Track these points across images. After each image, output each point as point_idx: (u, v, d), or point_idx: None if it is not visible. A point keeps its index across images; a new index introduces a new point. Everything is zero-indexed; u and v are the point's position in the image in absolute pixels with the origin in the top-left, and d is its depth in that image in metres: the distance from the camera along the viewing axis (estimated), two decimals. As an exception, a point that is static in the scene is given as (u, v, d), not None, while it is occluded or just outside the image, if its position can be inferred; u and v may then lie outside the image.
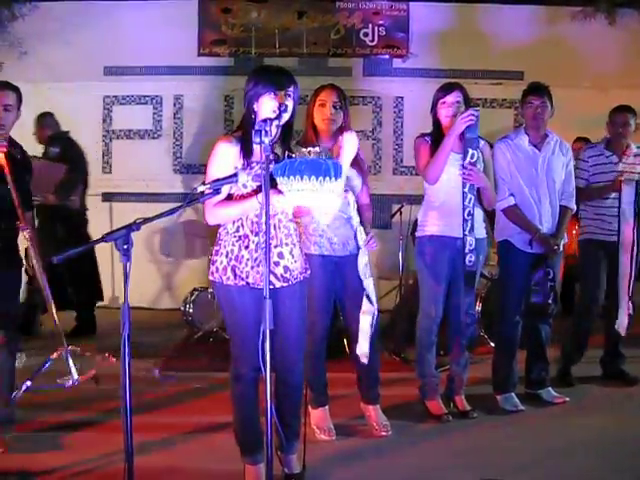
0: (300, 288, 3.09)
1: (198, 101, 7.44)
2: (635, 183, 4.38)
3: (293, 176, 2.63)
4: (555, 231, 4.20)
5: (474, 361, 4.35)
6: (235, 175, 2.74)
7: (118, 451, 2.77)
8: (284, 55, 7.35)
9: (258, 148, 2.74)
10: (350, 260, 3.70)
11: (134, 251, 2.52)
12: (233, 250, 2.97)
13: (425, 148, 3.96)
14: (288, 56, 7.36)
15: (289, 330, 3.05)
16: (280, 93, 2.90)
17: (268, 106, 2.90)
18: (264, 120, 2.74)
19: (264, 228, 2.73)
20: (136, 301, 7.07)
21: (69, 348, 4.45)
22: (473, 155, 3.88)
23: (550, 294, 4.19)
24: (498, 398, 4.25)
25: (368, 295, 3.61)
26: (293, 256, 3.05)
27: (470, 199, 3.89)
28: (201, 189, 2.68)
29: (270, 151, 2.64)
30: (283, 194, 2.71)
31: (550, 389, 4.40)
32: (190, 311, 5.89)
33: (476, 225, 3.94)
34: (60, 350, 4.45)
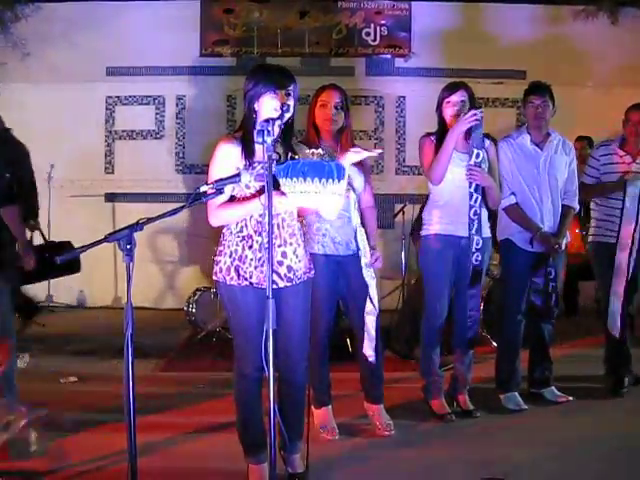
0: (304, 288, 3.08)
1: (200, 101, 7.46)
2: None
3: (296, 178, 2.64)
4: (556, 230, 4.20)
5: (477, 360, 4.34)
6: (238, 175, 2.74)
7: (121, 451, 2.77)
8: (286, 55, 7.36)
9: (260, 148, 2.74)
10: (353, 260, 3.71)
11: (137, 251, 2.52)
12: (237, 250, 2.97)
13: (430, 147, 3.96)
14: (290, 56, 7.37)
15: (292, 330, 3.04)
16: (281, 92, 2.90)
17: (270, 105, 2.90)
18: (266, 120, 2.74)
19: (267, 228, 2.75)
20: (139, 301, 7.14)
21: None
22: (478, 155, 3.87)
23: (552, 294, 4.19)
24: (501, 397, 4.25)
25: (370, 297, 3.64)
26: (297, 256, 3.04)
27: (476, 199, 3.88)
28: (204, 189, 2.68)
29: (272, 151, 2.63)
30: (286, 195, 2.71)
31: (553, 388, 4.39)
32: (193, 311, 5.90)
33: (482, 225, 3.95)
34: None
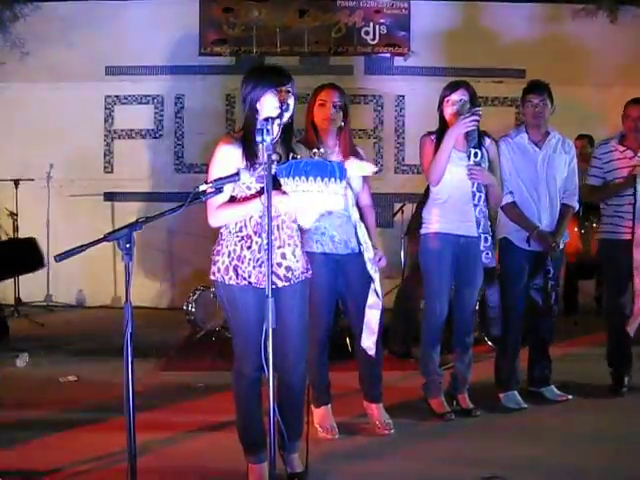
0: (301, 288, 3.08)
1: (199, 101, 7.45)
2: None
3: (298, 177, 2.65)
4: (555, 229, 4.19)
5: (477, 359, 4.34)
6: (237, 174, 2.74)
7: (121, 451, 2.77)
8: (285, 54, 7.36)
9: (260, 148, 2.75)
10: (352, 258, 3.70)
11: (136, 250, 2.52)
12: (235, 250, 2.96)
13: (430, 147, 3.95)
14: (289, 55, 7.37)
15: (290, 330, 3.03)
16: (282, 90, 2.90)
17: (270, 104, 2.90)
18: (266, 119, 2.75)
19: (267, 227, 2.76)
20: (138, 300, 7.13)
21: None
22: (476, 154, 3.88)
23: (551, 293, 4.19)
24: (501, 396, 4.25)
25: (375, 289, 3.59)
26: (295, 256, 3.05)
27: (480, 197, 3.89)
28: (203, 188, 2.68)
29: (272, 150, 2.64)
30: (287, 195, 2.72)
31: (553, 387, 4.39)
32: (192, 310, 5.89)
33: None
34: None
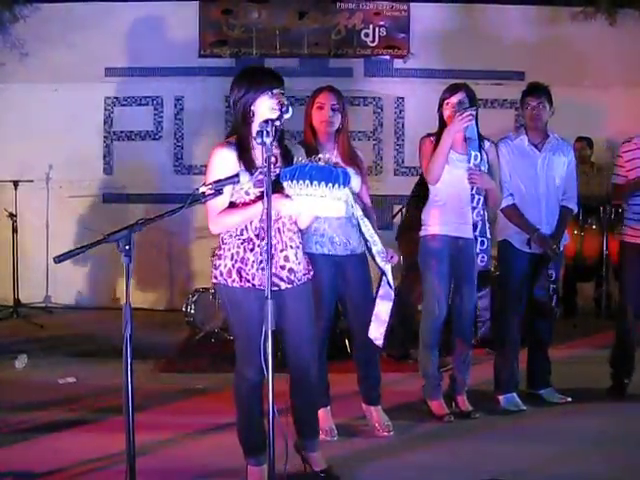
0: (305, 289, 3.11)
1: (199, 102, 7.44)
2: None
3: (303, 180, 2.67)
4: (554, 231, 4.20)
5: (476, 361, 4.34)
6: (237, 175, 2.75)
7: (120, 452, 2.77)
8: (285, 56, 7.36)
9: (258, 154, 2.76)
10: (352, 259, 3.72)
11: (135, 252, 2.52)
12: (238, 252, 2.97)
13: (429, 148, 3.97)
14: (289, 57, 7.37)
15: (301, 329, 3.08)
16: (277, 91, 2.91)
17: (267, 106, 2.90)
18: (265, 121, 2.75)
19: (270, 233, 2.78)
20: (137, 302, 7.13)
21: None
22: (477, 157, 3.88)
23: (552, 296, 4.19)
24: (500, 398, 4.25)
25: (388, 281, 3.57)
26: (297, 258, 3.07)
27: (478, 200, 3.89)
28: (202, 190, 2.69)
29: (271, 152, 2.65)
30: (290, 199, 2.74)
31: (552, 389, 4.39)
32: (192, 312, 5.89)
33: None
34: None
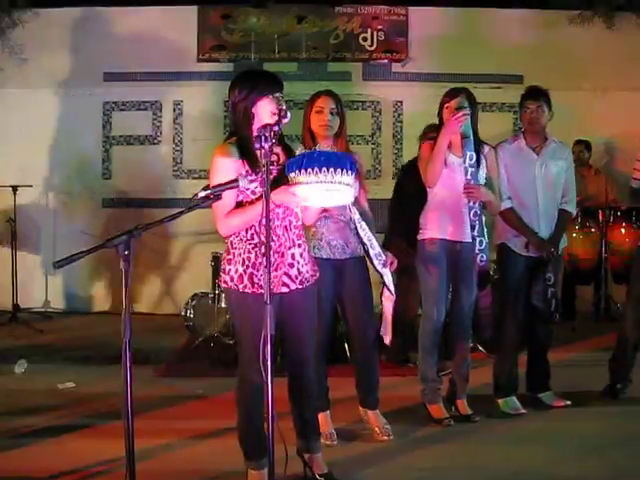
0: (312, 290, 3.15)
1: (198, 106, 7.45)
2: None
3: (312, 168, 2.69)
4: (553, 235, 4.19)
5: (475, 365, 4.34)
6: (236, 180, 2.76)
7: (119, 457, 2.77)
8: (283, 60, 7.37)
9: (259, 154, 2.77)
10: (350, 263, 3.73)
11: (134, 257, 2.53)
12: (250, 257, 2.98)
13: (428, 151, 3.98)
14: (287, 61, 7.39)
15: (302, 329, 3.13)
16: (277, 95, 2.93)
17: (268, 110, 2.92)
18: (264, 126, 2.77)
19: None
20: (137, 307, 7.13)
21: None
22: (472, 157, 3.89)
23: (551, 300, 4.19)
24: (499, 402, 4.25)
25: (386, 284, 3.66)
26: (304, 259, 3.09)
27: (475, 200, 3.91)
28: (202, 194, 2.69)
29: (269, 157, 2.67)
30: (295, 192, 2.74)
31: (551, 392, 4.39)
32: (191, 316, 5.89)
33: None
34: None
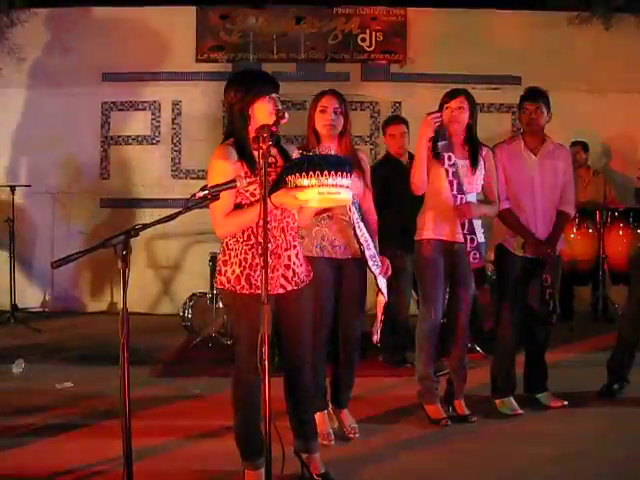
0: (306, 290, 3.15)
1: (196, 107, 7.45)
2: None
3: (312, 171, 2.70)
4: (550, 236, 4.19)
5: (472, 365, 4.35)
6: (234, 181, 2.76)
7: (117, 457, 2.77)
8: (282, 60, 7.39)
9: (256, 155, 2.78)
10: (351, 263, 3.74)
11: (132, 256, 2.53)
12: (247, 258, 2.98)
13: (422, 153, 3.97)
14: (286, 61, 7.40)
15: (299, 330, 3.13)
16: (273, 96, 2.94)
17: (265, 111, 2.93)
18: (261, 127, 2.78)
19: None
20: (134, 307, 7.12)
21: None
22: (450, 157, 3.90)
23: (549, 301, 4.19)
24: (497, 402, 4.25)
25: (379, 287, 3.71)
26: (299, 259, 3.11)
27: (461, 199, 3.91)
28: (200, 195, 2.69)
29: (267, 158, 2.67)
30: (296, 195, 2.75)
31: (549, 393, 4.39)
32: (189, 316, 5.89)
33: (476, 229, 3.97)
34: None
